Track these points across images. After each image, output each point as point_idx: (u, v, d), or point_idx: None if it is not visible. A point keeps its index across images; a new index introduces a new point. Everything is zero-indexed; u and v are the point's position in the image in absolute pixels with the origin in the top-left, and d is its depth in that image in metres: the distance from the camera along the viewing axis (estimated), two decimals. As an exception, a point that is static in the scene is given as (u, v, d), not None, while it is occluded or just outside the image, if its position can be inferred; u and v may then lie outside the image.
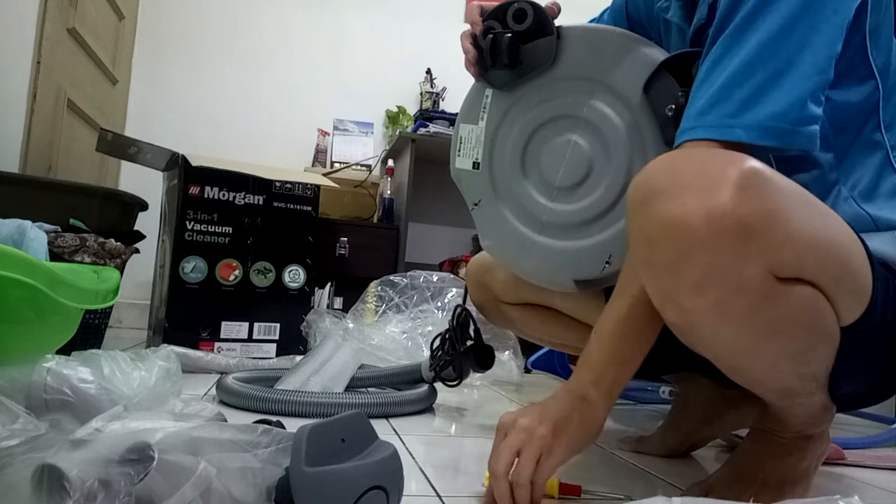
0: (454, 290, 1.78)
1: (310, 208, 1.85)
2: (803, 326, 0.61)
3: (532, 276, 0.97)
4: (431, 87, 2.93)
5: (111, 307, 1.24)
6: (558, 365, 1.67)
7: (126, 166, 2.60)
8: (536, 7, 0.87)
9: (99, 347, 1.36)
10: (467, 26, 0.93)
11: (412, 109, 2.97)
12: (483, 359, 1.20)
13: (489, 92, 0.94)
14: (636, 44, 0.86)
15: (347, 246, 2.48)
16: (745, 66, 0.64)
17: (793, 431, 0.76)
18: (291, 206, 1.82)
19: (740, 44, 0.65)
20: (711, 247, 0.55)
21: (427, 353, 1.27)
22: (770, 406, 0.75)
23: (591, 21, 1.09)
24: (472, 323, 1.18)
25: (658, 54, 0.84)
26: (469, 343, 1.19)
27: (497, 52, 0.87)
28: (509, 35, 0.86)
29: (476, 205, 0.97)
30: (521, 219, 0.94)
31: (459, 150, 0.97)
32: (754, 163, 0.57)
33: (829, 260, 0.61)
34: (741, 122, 0.64)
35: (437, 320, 1.69)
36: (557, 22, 0.89)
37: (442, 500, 0.74)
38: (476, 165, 0.96)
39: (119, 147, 1.84)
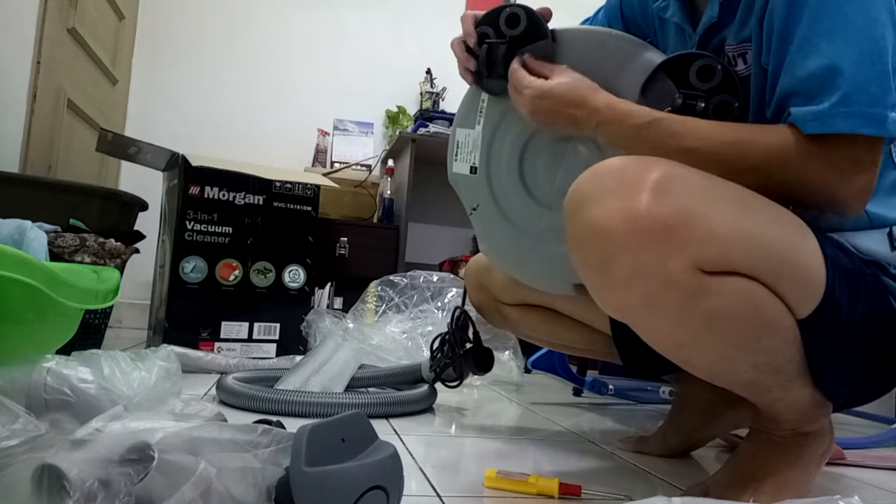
0: (454, 290, 1.78)
1: (310, 208, 1.84)
2: (742, 317, 0.63)
3: (531, 280, 0.97)
4: (431, 87, 2.93)
5: (111, 307, 1.24)
6: (558, 365, 1.67)
7: (126, 166, 2.60)
8: (529, 11, 0.86)
9: (99, 347, 1.36)
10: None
11: (412, 109, 2.97)
12: (482, 361, 1.20)
13: (485, 96, 0.93)
14: (633, 45, 0.85)
15: (347, 246, 2.48)
16: (833, 57, 0.65)
17: (786, 428, 0.76)
18: (291, 206, 1.82)
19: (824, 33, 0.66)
20: (633, 246, 0.60)
21: (427, 353, 1.27)
22: (755, 403, 0.76)
23: (586, 21, 1.09)
24: (471, 325, 1.18)
25: (655, 56, 0.84)
26: (468, 346, 1.19)
27: (493, 62, 0.86)
28: (505, 44, 0.86)
29: (474, 209, 0.97)
30: (519, 223, 0.94)
31: (456, 155, 0.96)
32: (672, 167, 0.62)
33: (762, 254, 0.63)
34: (839, 113, 0.65)
35: (437, 320, 1.69)
36: (550, 24, 0.88)
37: (442, 500, 0.74)
38: (473, 170, 0.95)
39: (119, 147, 1.84)
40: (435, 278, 1.83)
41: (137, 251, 1.61)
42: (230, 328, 1.72)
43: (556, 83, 0.81)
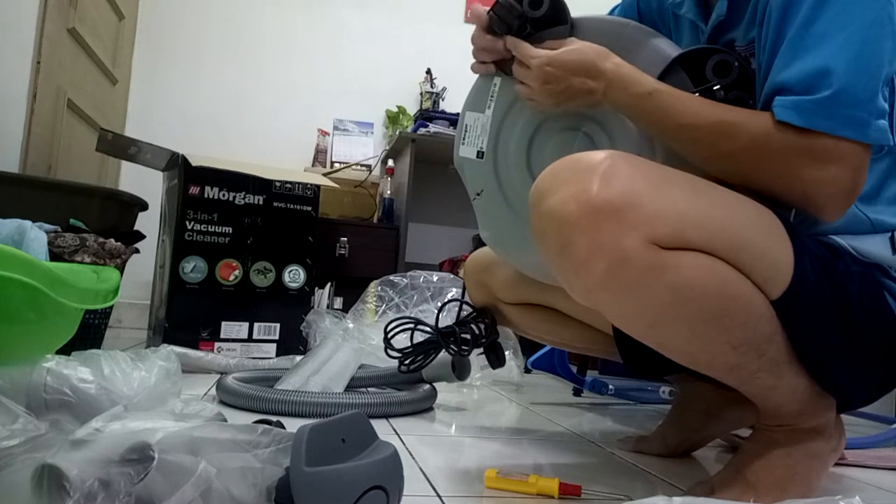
0: (454, 290, 1.78)
1: (310, 208, 1.84)
2: (705, 291, 0.65)
3: (533, 271, 0.96)
4: (431, 87, 2.93)
5: (111, 307, 1.24)
6: (558, 365, 1.66)
7: (126, 166, 2.60)
8: None
9: (99, 347, 1.35)
10: (467, 26, 0.91)
11: (412, 109, 2.97)
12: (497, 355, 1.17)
13: (497, 80, 0.93)
14: (650, 38, 0.85)
15: (347, 246, 2.48)
16: (823, 59, 0.66)
17: (788, 424, 0.76)
18: (291, 206, 1.82)
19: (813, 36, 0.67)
20: (587, 227, 0.63)
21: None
22: (750, 396, 0.76)
23: None
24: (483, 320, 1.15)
25: (671, 50, 0.83)
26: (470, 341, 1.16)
27: (509, 16, 0.85)
28: (525, 19, 0.85)
29: (478, 195, 0.96)
30: (524, 211, 0.93)
31: (464, 139, 0.96)
32: (622, 157, 0.66)
33: (717, 229, 0.66)
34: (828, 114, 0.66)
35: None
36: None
37: (442, 500, 0.74)
38: (480, 155, 0.95)
39: (119, 147, 1.84)
40: (435, 278, 1.83)
41: (137, 251, 1.61)
42: (230, 328, 1.72)
43: (563, 50, 0.81)
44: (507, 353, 1.69)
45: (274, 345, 1.77)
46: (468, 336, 1.12)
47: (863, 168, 0.68)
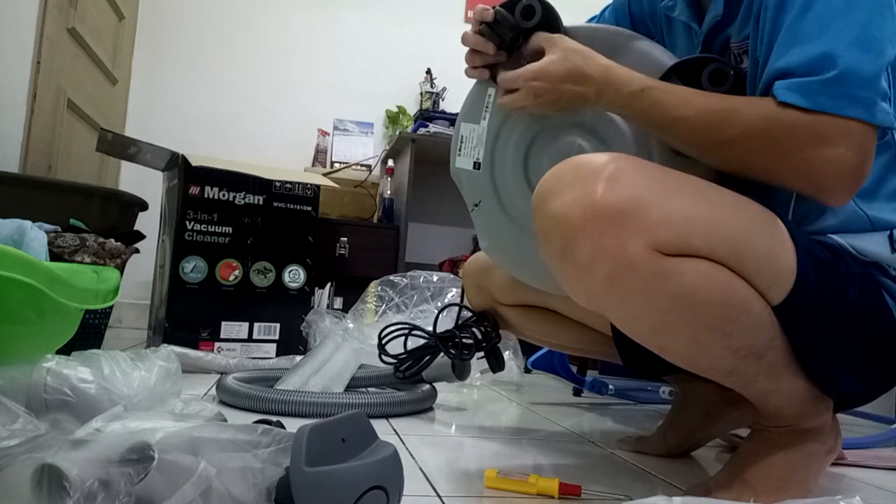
0: (454, 290, 1.78)
1: (310, 208, 1.84)
2: (707, 298, 0.64)
3: (531, 279, 0.96)
4: (431, 87, 2.93)
5: (111, 307, 1.24)
6: (558, 365, 1.66)
7: (126, 166, 2.60)
8: (545, 5, 0.86)
9: (99, 347, 1.35)
10: (468, 26, 0.91)
11: (412, 109, 2.97)
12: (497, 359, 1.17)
13: (492, 91, 0.93)
14: (644, 46, 0.85)
15: (347, 246, 2.48)
16: (825, 44, 0.66)
17: (786, 425, 0.76)
18: (291, 206, 1.82)
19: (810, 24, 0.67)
20: (591, 231, 0.62)
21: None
22: (749, 398, 0.76)
23: (592, 19, 1.09)
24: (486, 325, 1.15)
25: (667, 58, 0.83)
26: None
27: (501, 28, 0.85)
28: (518, 29, 0.85)
29: (476, 206, 0.96)
30: (522, 222, 0.93)
31: (460, 150, 0.96)
32: (627, 160, 0.66)
33: (721, 237, 0.65)
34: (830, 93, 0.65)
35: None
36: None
37: (442, 500, 0.74)
38: (477, 166, 0.95)
39: (119, 147, 1.84)
40: (435, 278, 1.83)
41: (137, 251, 1.61)
42: (230, 328, 1.72)
43: (548, 62, 0.80)
44: (506, 353, 1.70)
45: (274, 345, 1.77)
46: (469, 340, 1.12)
47: (869, 150, 0.66)
